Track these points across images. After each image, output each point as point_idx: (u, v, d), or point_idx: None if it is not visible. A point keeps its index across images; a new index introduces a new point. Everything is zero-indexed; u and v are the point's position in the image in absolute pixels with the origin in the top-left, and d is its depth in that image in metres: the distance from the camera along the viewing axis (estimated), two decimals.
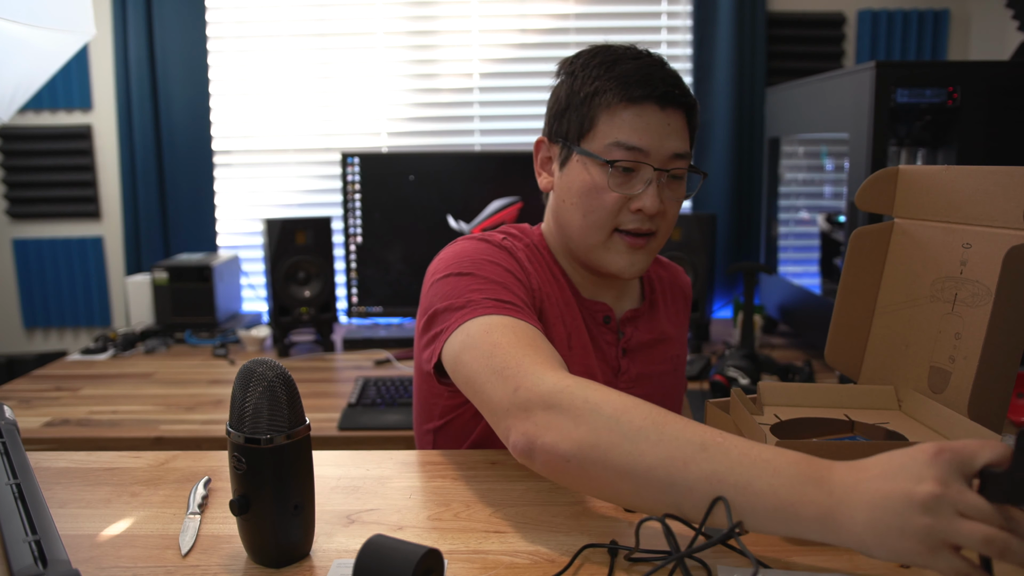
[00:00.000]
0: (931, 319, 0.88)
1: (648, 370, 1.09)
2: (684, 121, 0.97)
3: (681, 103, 0.96)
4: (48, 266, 2.57)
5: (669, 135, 0.95)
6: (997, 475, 0.55)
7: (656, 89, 0.93)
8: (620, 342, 1.07)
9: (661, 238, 1.01)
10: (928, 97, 1.63)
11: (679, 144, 0.96)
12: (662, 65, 0.97)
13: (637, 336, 1.08)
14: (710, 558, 0.69)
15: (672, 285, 1.18)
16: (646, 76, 0.94)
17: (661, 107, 0.94)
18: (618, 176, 0.95)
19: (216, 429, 1.57)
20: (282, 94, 2.52)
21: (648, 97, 0.93)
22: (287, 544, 0.70)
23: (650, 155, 0.94)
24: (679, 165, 0.97)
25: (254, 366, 0.69)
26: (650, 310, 1.12)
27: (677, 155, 0.96)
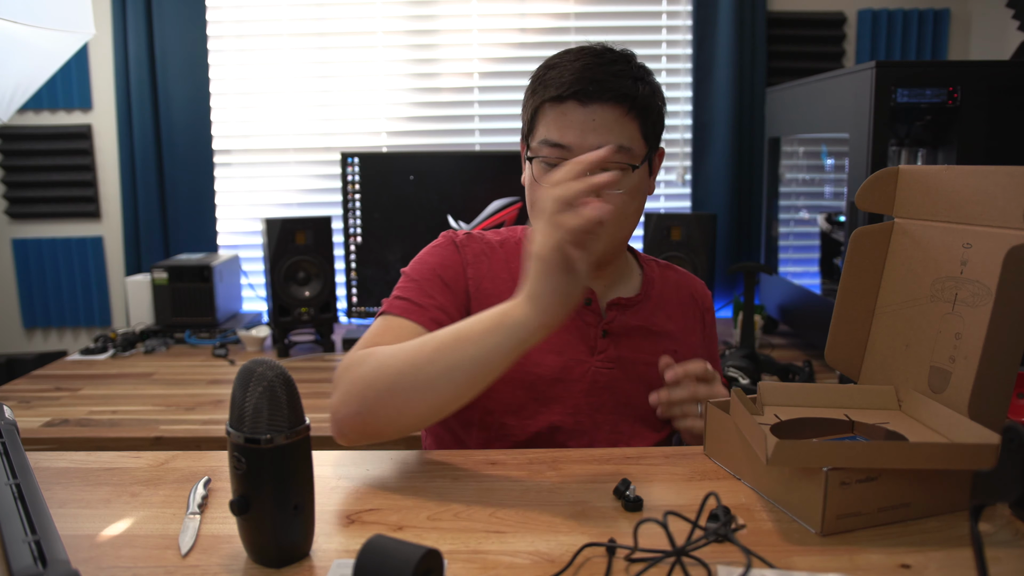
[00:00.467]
0: (931, 319, 0.88)
1: (631, 356, 1.10)
2: (617, 114, 0.98)
3: (608, 98, 0.97)
4: (48, 266, 2.57)
5: (593, 130, 0.98)
6: (986, 473, 0.55)
7: (573, 87, 0.97)
8: (601, 323, 1.09)
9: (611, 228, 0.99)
10: (928, 97, 1.63)
11: (605, 138, 0.97)
12: (602, 64, 0.99)
13: (622, 320, 1.10)
14: (709, 557, 0.69)
15: (679, 287, 1.19)
16: (571, 76, 0.98)
17: (583, 104, 0.98)
18: (546, 171, 1.01)
19: (216, 429, 1.57)
20: (282, 94, 2.52)
21: (569, 96, 0.98)
22: (287, 544, 0.70)
23: (573, 151, 0.98)
24: (611, 159, 0.97)
25: (254, 366, 0.69)
26: (644, 302, 1.13)
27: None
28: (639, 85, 1.00)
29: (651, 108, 1.02)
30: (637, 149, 1.01)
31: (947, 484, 0.78)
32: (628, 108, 0.99)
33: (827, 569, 0.69)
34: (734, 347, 1.96)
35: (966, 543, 0.73)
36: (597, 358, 1.08)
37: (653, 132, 1.04)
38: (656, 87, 1.05)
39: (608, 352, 1.08)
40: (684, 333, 1.16)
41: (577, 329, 1.08)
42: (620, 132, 0.99)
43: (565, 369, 1.07)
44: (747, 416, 0.83)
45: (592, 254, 0.76)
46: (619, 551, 0.70)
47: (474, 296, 1.07)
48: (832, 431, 0.89)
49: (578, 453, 0.97)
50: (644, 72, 1.03)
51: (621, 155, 0.99)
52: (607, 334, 1.09)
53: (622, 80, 0.98)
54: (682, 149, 2.57)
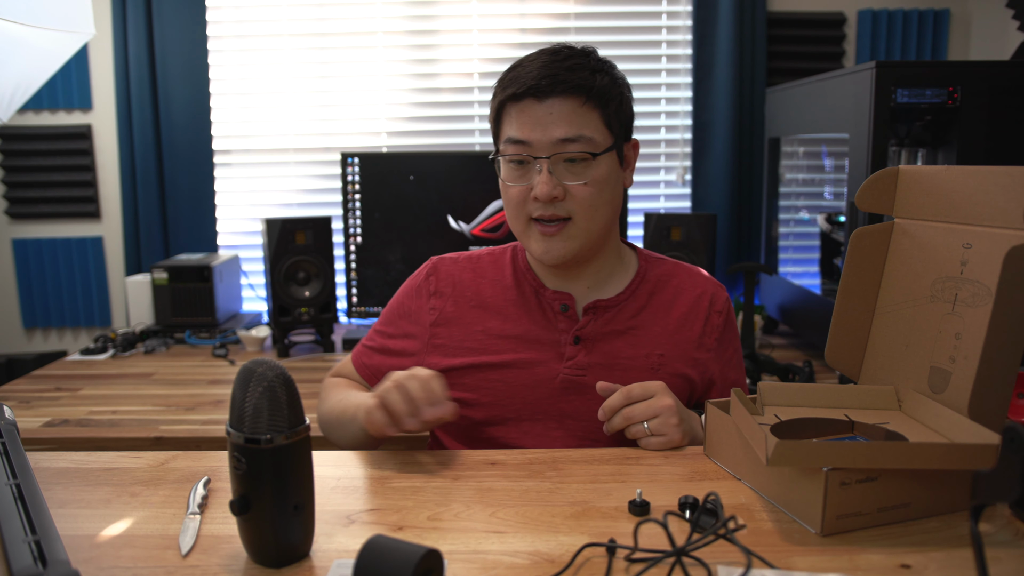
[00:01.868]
0: (931, 319, 0.88)
1: (607, 361, 1.08)
2: (574, 105, 1.01)
3: (562, 91, 1.00)
4: (48, 266, 2.57)
5: (552, 123, 1.00)
6: (986, 473, 0.55)
7: (525, 84, 1.01)
8: (573, 329, 1.08)
9: (582, 222, 1.04)
10: (928, 97, 1.63)
11: (565, 129, 1.00)
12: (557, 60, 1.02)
13: (596, 326, 1.09)
14: (709, 557, 0.69)
15: (682, 287, 1.15)
16: (527, 74, 1.02)
17: (539, 99, 1.01)
18: (513, 170, 1.05)
19: (216, 429, 1.57)
20: (282, 94, 2.52)
21: (524, 94, 1.01)
22: (287, 544, 0.70)
23: (533, 145, 1.01)
24: (569, 149, 1.01)
25: (254, 366, 0.69)
26: (626, 302, 1.11)
27: (565, 140, 1.01)
28: (596, 76, 1.02)
29: (611, 97, 1.03)
30: (599, 138, 1.02)
31: (947, 484, 0.78)
32: (585, 99, 1.01)
33: (827, 569, 0.69)
34: None
35: (966, 543, 0.73)
36: (566, 365, 1.08)
37: (618, 121, 1.05)
38: (618, 78, 1.06)
39: (578, 359, 1.08)
40: (675, 334, 1.12)
41: (548, 337, 1.09)
42: (579, 122, 1.01)
43: (532, 378, 1.08)
44: (747, 416, 0.83)
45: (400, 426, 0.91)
46: (619, 551, 0.70)
47: (437, 322, 1.13)
48: (832, 431, 0.89)
49: (578, 453, 0.97)
50: (604, 65, 1.05)
51: (580, 144, 1.01)
52: (579, 340, 1.08)
53: (577, 73, 1.01)
54: (682, 149, 2.57)
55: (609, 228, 1.09)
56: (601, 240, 1.09)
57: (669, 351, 1.11)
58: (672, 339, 1.12)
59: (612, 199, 1.07)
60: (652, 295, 1.13)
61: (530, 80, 1.01)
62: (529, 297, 1.11)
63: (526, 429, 1.08)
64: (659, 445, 0.96)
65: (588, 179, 1.02)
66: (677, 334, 1.12)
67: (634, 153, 1.12)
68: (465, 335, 1.11)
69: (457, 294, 1.14)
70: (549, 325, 1.09)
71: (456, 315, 1.12)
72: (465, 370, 1.10)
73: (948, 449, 0.74)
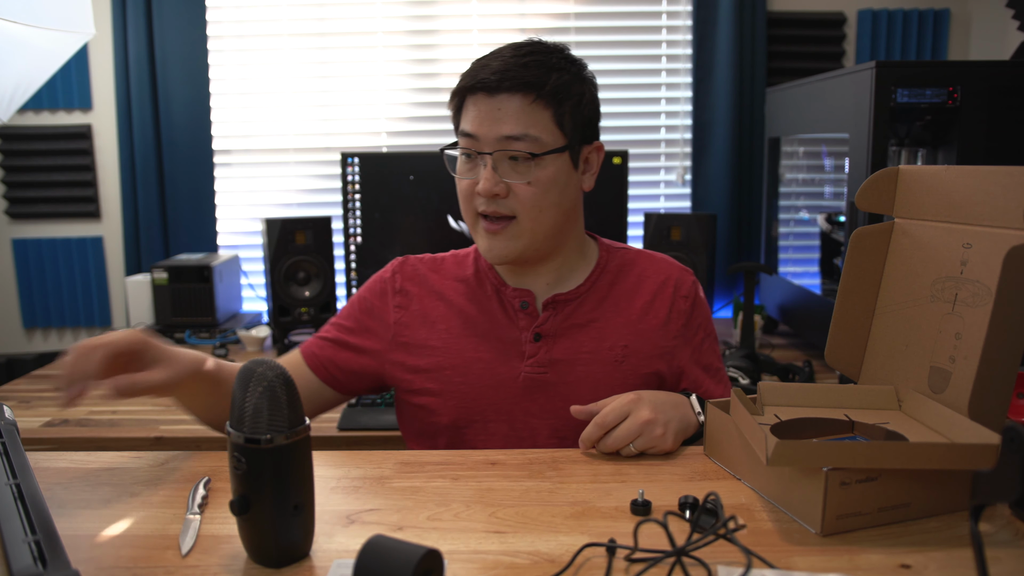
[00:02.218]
0: (931, 319, 0.88)
1: (569, 356, 1.07)
2: (524, 103, 0.99)
3: (511, 87, 0.99)
4: (48, 266, 2.57)
5: (499, 119, 0.99)
6: (986, 473, 0.55)
7: (477, 77, 1.00)
8: (533, 326, 1.07)
9: (526, 222, 1.02)
10: (928, 97, 1.63)
11: (511, 127, 0.99)
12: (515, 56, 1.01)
13: (556, 321, 1.08)
14: (709, 557, 0.69)
15: (645, 274, 1.13)
16: (480, 67, 1.01)
17: (490, 94, 1.00)
18: (464, 163, 1.05)
19: None
20: (282, 94, 2.52)
21: (476, 87, 1.00)
22: (287, 544, 0.70)
23: (480, 139, 1.01)
24: (513, 147, 0.99)
25: (254, 366, 0.69)
26: (586, 294, 1.10)
27: (509, 137, 0.99)
28: (552, 74, 1.00)
29: (566, 97, 1.01)
30: (547, 138, 1.00)
31: (947, 484, 0.78)
32: (535, 96, 0.99)
33: (827, 569, 0.69)
34: (734, 347, 1.95)
35: (966, 543, 0.73)
36: (527, 363, 1.07)
37: (573, 122, 1.03)
38: (581, 78, 1.04)
39: (539, 356, 1.07)
40: (638, 323, 1.10)
41: (509, 335, 1.08)
42: (527, 120, 0.99)
43: (494, 378, 1.07)
44: (747, 416, 0.83)
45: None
46: (619, 551, 0.70)
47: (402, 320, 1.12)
48: (832, 431, 0.89)
49: (578, 453, 0.97)
50: (566, 63, 1.03)
51: (525, 143, 0.99)
52: (539, 337, 1.07)
53: (531, 70, 0.99)
54: (682, 149, 2.57)
55: (559, 230, 1.07)
56: (552, 241, 1.07)
57: (633, 342, 1.09)
58: (635, 329, 1.09)
59: (560, 201, 1.04)
60: (613, 285, 1.11)
61: (483, 74, 1.00)
62: (491, 296, 1.11)
63: (492, 430, 1.07)
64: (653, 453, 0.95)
65: (532, 179, 1.00)
66: (640, 323, 1.10)
67: (597, 156, 1.09)
68: (429, 334, 1.10)
69: (422, 294, 1.13)
70: (510, 323, 1.09)
71: (421, 314, 1.12)
72: (429, 373, 1.09)
73: (948, 449, 0.74)
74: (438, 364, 1.09)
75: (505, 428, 1.07)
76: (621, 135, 2.56)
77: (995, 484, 0.55)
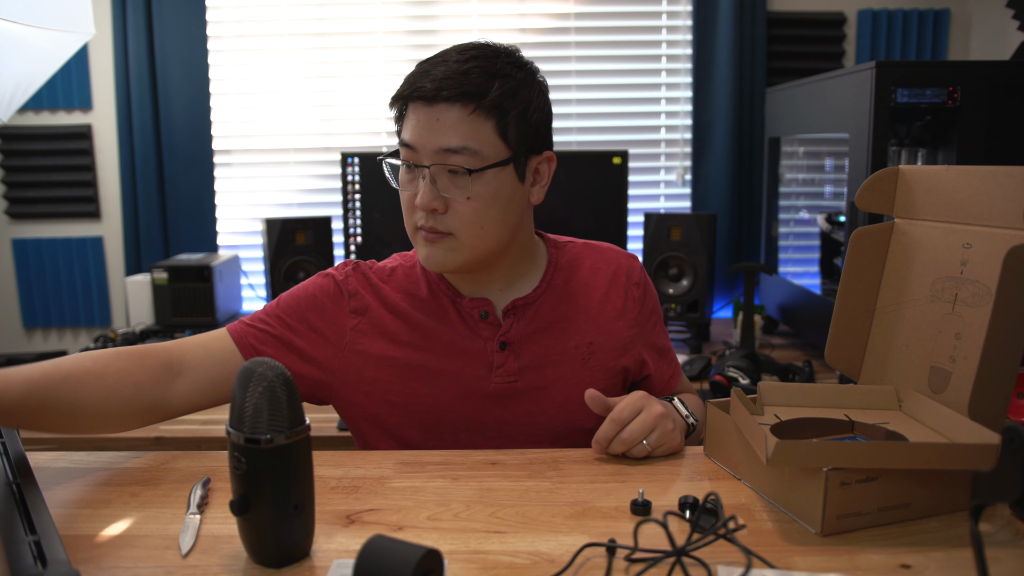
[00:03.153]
0: (931, 319, 0.88)
1: (538, 362, 1.04)
2: (463, 114, 0.93)
3: (449, 96, 0.92)
4: (48, 266, 2.57)
5: (436, 130, 0.93)
6: (986, 473, 0.55)
7: (416, 85, 0.94)
8: (498, 336, 1.03)
9: (466, 239, 0.96)
10: (928, 97, 1.63)
11: (449, 139, 0.93)
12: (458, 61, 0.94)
13: (520, 327, 1.04)
14: (709, 557, 0.69)
15: (597, 266, 1.11)
16: (420, 74, 0.95)
17: (428, 103, 0.93)
18: (404, 173, 0.99)
19: (216, 429, 1.57)
20: (282, 94, 2.52)
21: (415, 96, 0.94)
22: (287, 544, 0.70)
23: (418, 151, 0.95)
24: (450, 161, 0.93)
25: (254, 366, 0.69)
26: (544, 295, 1.06)
27: (447, 149, 0.93)
28: (495, 82, 0.93)
29: (511, 106, 0.95)
30: (488, 151, 0.94)
31: (947, 484, 0.78)
32: (475, 107, 0.93)
33: (827, 569, 0.69)
34: (734, 347, 1.95)
35: (966, 543, 0.73)
36: (496, 374, 1.03)
37: (518, 132, 0.96)
38: (526, 84, 0.97)
39: (507, 365, 1.03)
40: (599, 317, 1.08)
41: (473, 346, 1.03)
42: (466, 132, 0.93)
43: (463, 389, 1.03)
44: (747, 416, 0.83)
45: None
46: (619, 551, 0.70)
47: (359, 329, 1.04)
48: (832, 431, 0.89)
49: (578, 453, 0.97)
50: (512, 70, 0.96)
51: (463, 156, 0.93)
52: (505, 346, 1.03)
53: (471, 77, 0.92)
54: (682, 149, 2.57)
55: (504, 244, 1.01)
56: (496, 253, 1.01)
57: (597, 338, 1.07)
58: (596, 324, 1.08)
59: (504, 217, 0.97)
60: (568, 282, 1.09)
61: (421, 81, 0.94)
62: (447, 307, 1.05)
63: (464, 442, 1.04)
64: (661, 454, 0.95)
65: (471, 193, 0.94)
66: (601, 316, 1.08)
67: (548, 167, 1.03)
68: (387, 346, 1.03)
69: (377, 304, 1.05)
70: (472, 334, 1.04)
71: (379, 325, 1.04)
72: (390, 385, 1.03)
73: (948, 449, 0.74)
74: (401, 377, 1.03)
75: (478, 439, 1.04)
76: (621, 135, 2.56)
77: (995, 484, 0.55)
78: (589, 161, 2.11)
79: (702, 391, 1.81)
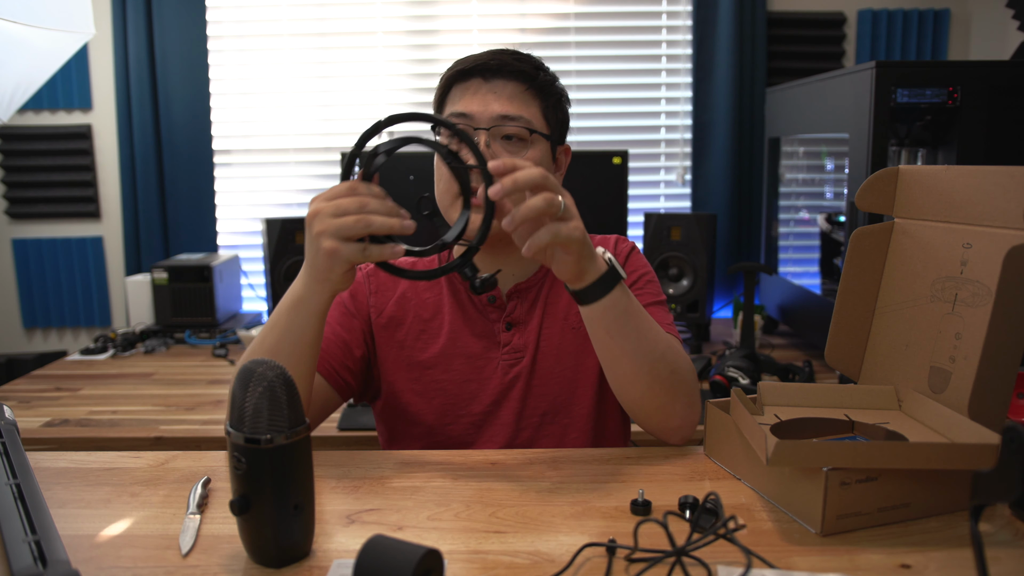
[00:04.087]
0: (931, 319, 0.88)
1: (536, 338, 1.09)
2: (519, 90, 1.04)
3: (508, 75, 1.03)
4: (48, 266, 2.57)
5: (495, 100, 1.03)
6: (986, 473, 0.55)
7: (477, 63, 1.04)
8: (503, 316, 1.10)
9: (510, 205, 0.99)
10: (928, 97, 1.63)
11: (507, 107, 1.03)
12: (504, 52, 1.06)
13: (522, 308, 1.11)
14: (709, 557, 0.69)
15: None
16: (475, 58, 1.05)
17: (486, 79, 1.04)
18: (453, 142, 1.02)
19: (216, 429, 1.57)
20: (282, 94, 2.52)
21: (472, 72, 1.05)
22: (287, 544, 0.70)
23: (474, 117, 1.03)
24: (509, 125, 1.03)
25: (254, 366, 0.69)
26: (543, 279, 1.12)
27: (505, 116, 1.03)
28: (539, 72, 1.06)
29: (552, 92, 1.07)
30: (538, 125, 1.05)
31: (947, 484, 0.78)
32: (528, 86, 1.05)
33: (827, 569, 0.69)
34: (734, 347, 1.95)
35: (966, 543, 0.73)
36: (503, 351, 1.09)
37: (555, 118, 1.08)
38: (559, 83, 1.10)
39: (513, 343, 1.09)
40: None
41: (483, 328, 1.10)
42: (520, 105, 1.04)
43: (475, 369, 1.09)
44: (747, 416, 0.83)
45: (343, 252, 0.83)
46: (619, 551, 0.70)
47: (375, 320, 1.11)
48: (832, 431, 0.89)
49: (578, 453, 0.97)
50: (546, 69, 1.09)
51: (520, 123, 1.03)
52: (511, 326, 1.10)
53: (523, 62, 1.05)
54: (682, 149, 2.57)
55: None
56: None
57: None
58: None
59: None
60: None
61: (477, 60, 1.04)
62: (460, 292, 1.12)
63: (479, 423, 1.09)
64: (555, 238, 0.82)
65: (524, 158, 1.03)
66: None
67: (565, 159, 1.13)
68: (406, 335, 1.11)
69: (396, 295, 1.13)
70: (481, 317, 1.11)
71: (398, 316, 1.12)
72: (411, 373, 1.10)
73: (948, 449, 0.74)
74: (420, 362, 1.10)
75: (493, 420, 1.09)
76: (621, 135, 2.57)
77: (995, 484, 0.55)
78: (589, 161, 2.11)
79: (702, 391, 1.81)
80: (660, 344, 0.94)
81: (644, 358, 0.92)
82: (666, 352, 0.95)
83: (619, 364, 0.94)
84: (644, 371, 0.93)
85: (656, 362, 0.93)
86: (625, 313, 0.91)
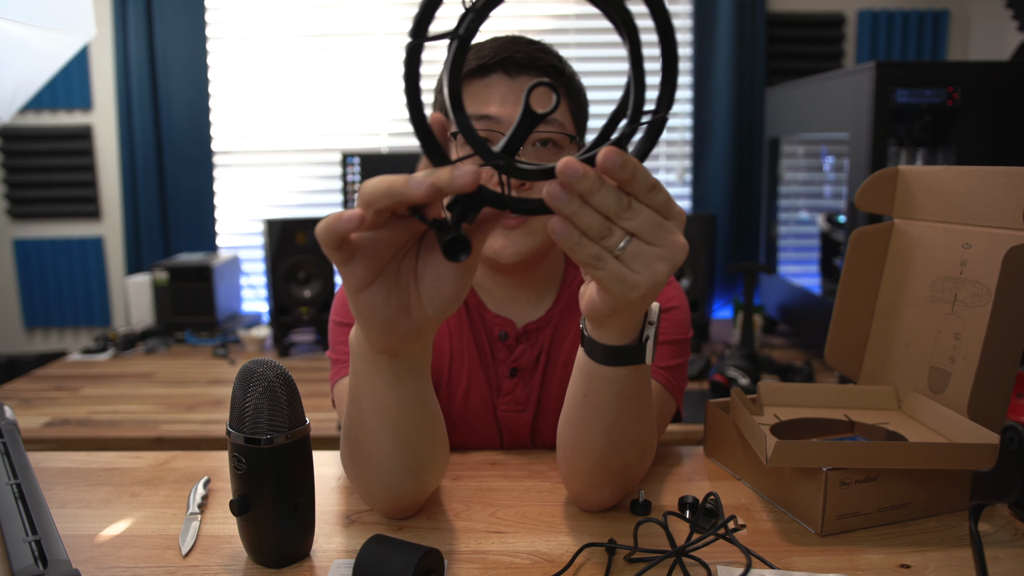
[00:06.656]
0: (931, 319, 0.88)
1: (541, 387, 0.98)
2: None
3: (535, 70, 0.88)
4: (48, 266, 2.57)
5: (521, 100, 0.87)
6: (986, 473, 0.55)
7: (499, 55, 0.88)
8: (509, 360, 0.98)
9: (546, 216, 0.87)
10: (928, 97, 1.63)
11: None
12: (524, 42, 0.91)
13: (530, 354, 0.98)
14: (709, 557, 0.69)
15: None
16: (492, 50, 0.89)
17: (509, 75, 0.88)
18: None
19: (216, 429, 1.57)
20: (282, 94, 2.52)
21: (494, 66, 0.89)
22: (287, 544, 0.70)
23: (503, 122, 0.87)
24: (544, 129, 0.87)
25: (254, 366, 0.69)
26: (561, 317, 0.99)
27: None
28: (564, 65, 0.92)
29: (578, 89, 0.94)
30: (568, 126, 0.91)
31: (947, 484, 0.78)
32: (555, 82, 0.89)
33: (827, 569, 0.69)
34: (734, 347, 1.96)
35: (966, 543, 0.73)
36: (503, 400, 0.98)
37: (580, 117, 0.95)
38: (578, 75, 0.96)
39: (516, 393, 0.98)
40: None
41: (485, 369, 0.98)
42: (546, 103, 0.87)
43: (471, 409, 0.99)
44: (747, 416, 0.83)
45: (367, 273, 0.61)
46: (619, 551, 0.70)
47: None
48: (832, 431, 0.89)
49: None
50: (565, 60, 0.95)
51: (555, 126, 0.88)
52: (515, 372, 0.97)
53: (548, 55, 0.91)
54: (682, 149, 2.57)
55: None
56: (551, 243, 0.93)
57: None
58: None
59: None
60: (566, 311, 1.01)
61: (499, 52, 0.88)
62: (474, 317, 0.99)
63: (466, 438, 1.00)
64: (633, 283, 0.57)
65: None
66: None
67: None
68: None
69: None
70: (486, 352, 0.98)
71: None
72: None
73: (948, 449, 0.74)
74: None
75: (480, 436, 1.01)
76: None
77: (995, 484, 0.55)
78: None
79: (702, 391, 1.82)
80: (634, 437, 0.73)
81: (606, 444, 0.73)
82: (632, 448, 0.74)
83: (579, 432, 0.74)
84: (596, 454, 0.74)
85: (614, 454, 0.74)
86: (626, 393, 0.69)
